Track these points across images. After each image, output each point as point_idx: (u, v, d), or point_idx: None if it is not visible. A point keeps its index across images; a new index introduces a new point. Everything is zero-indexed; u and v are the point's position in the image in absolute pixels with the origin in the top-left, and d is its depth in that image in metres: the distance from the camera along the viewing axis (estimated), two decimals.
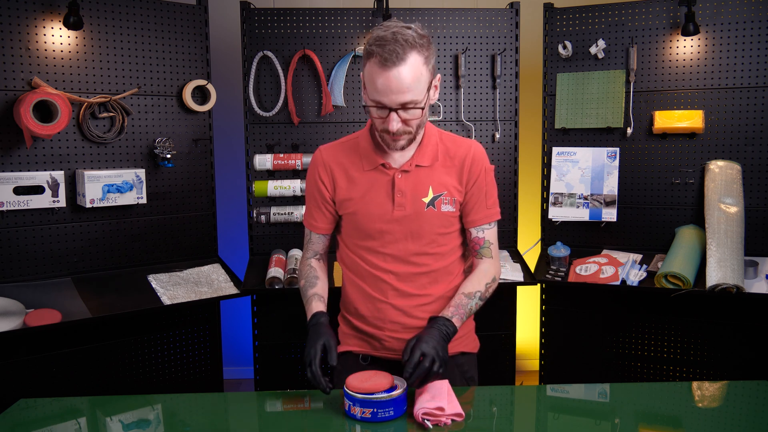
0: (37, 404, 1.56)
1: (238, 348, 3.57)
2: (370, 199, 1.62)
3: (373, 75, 1.47)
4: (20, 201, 2.28)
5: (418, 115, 1.52)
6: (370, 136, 1.66)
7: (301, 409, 1.53)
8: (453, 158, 1.66)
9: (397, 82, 1.45)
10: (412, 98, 1.47)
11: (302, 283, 1.72)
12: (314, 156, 1.72)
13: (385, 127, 1.52)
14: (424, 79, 1.49)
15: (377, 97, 1.48)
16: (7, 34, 2.26)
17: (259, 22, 2.71)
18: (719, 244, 2.41)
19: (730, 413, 1.51)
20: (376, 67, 1.46)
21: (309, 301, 1.66)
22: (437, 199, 1.62)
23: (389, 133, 1.53)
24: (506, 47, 2.79)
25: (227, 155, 3.40)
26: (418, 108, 1.50)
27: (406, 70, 1.44)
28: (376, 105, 1.50)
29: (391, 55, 1.43)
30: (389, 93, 1.46)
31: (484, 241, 1.68)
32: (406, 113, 1.50)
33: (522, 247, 2.92)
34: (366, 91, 1.53)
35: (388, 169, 1.63)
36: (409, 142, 1.58)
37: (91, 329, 2.40)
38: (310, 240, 1.76)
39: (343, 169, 1.66)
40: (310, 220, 1.74)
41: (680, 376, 2.65)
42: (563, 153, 2.80)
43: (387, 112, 1.49)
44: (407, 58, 1.44)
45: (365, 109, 1.55)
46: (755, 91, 2.56)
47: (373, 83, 1.47)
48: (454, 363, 1.67)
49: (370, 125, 1.67)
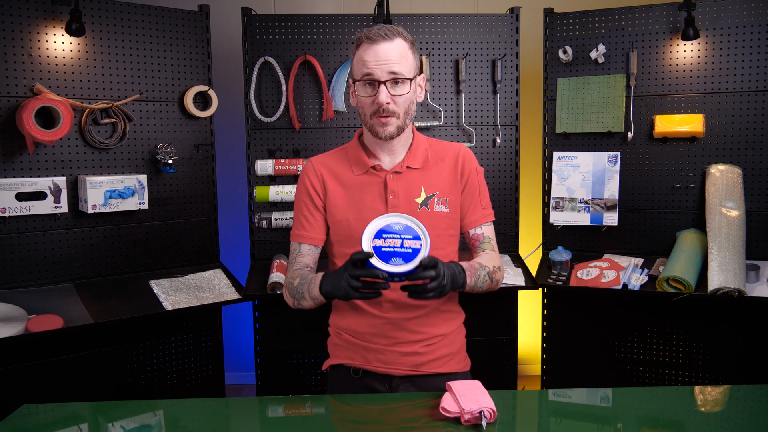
0: (39, 410, 1.56)
1: (240, 353, 3.56)
2: (363, 203, 1.62)
3: (362, 55, 1.55)
4: (22, 207, 2.29)
5: (406, 92, 1.56)
6: (358, 143, 1.68)
7: (303, 415, 1.52)
8: (443, 159, 1.67)
9: (384, 53, 1.53)
10: (400, 70, 1.54)
11: (297, 281, 1.63)
12: (304, 166, 1.71)
13: (374, 107, 1.55)
14: (410, 60, 1.57)
15: (365, 70, 1.54)
16: (10, 41, 2.27)
17: (260, 28, 2.72)
18: (720, 247, 2.41)
19: (732, 418, 1.50)
20: (364, 46, 1.55)
21: (314, 277, 1.58)
22: (430, 199, 1.63)
23: (379, 114, 1.54)
24: (507, 52, 2.80)
25: (229, 161, 3.41)
26: (405, 81, 1.55)
27: (393, 45, 1.54)
28: (365, 80, 1.55)
29: (379, 34, 1.54)
30: (378, 63, 1.53)
31: (484, 236, 1.70)
32: (395, 88, 1.54)
33: (523, 252, 2.92)
34: (353, 78, 1.58)
35: (380, 171, 1.63)
36: (398, 130, 1.58)
37: (93, 335, 2.40)
38: (299, 253, 1.68)
39: (334, 175, 1.66)
40: (299, 231, 1.68)
41: (682, 380, 2.65)
42: (564, 157, 2.80)
43: (376, 87, 1.54)
44: (394, 39, 1.54)
45: (355, 95, 1.59)
46: (755, 95, 2.56)
47: (362, 61, 1.55)
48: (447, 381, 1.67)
49: (358, 135, 1.70)
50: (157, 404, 1.64)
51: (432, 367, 1.65)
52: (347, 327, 1.68)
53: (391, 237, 1.40)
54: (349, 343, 1.67)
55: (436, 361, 1.66)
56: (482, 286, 1.61)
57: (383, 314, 1.62)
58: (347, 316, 1.68)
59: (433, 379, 1.65)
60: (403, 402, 1.56)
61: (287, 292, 1.67)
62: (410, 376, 1.65)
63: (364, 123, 1.62)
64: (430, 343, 1.64)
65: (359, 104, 1.59)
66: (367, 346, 1.64)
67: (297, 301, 1.64)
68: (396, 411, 1.52)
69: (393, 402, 1.57)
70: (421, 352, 1.63)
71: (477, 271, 1.59)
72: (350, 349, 1.67)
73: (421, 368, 1.64)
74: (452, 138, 2.81)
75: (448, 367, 1.67)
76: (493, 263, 1.65)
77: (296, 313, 2.62)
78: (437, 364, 1.66)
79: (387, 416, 1.51)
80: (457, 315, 1.73)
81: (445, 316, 1.68)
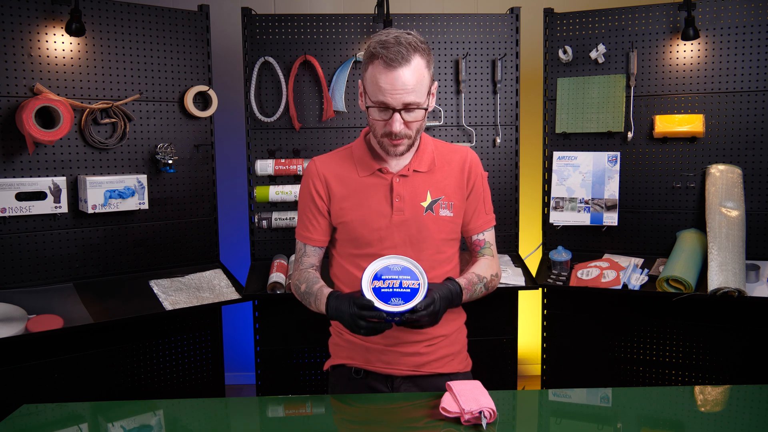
0: (39, 410, 1.56)
1: (240, 353, 3.57)
2: (368, 205, 1.61)
3: (376, 76, 1.48)
4: (22, 207, 2.29)
5: (420, 117, 1.53)
6: (364, 143, 1.66)
7: (303, 415, 1.52)
8: (450, 162, 1.66)
9: (401, 82, 1.46)
10: (415, 99, 1.49)
11: (303, 287, 1.66)
12: (308, 167, 1.69)
13: (387, 130, 1.52)
14: (425, 81, 1.51)
15: (380, 98, 1.49)
16: (10, 41, 2.27)
17: (260, 28, 2.72)
18: (720, 247, 2.41)
19: (732, 417, 1.50)
20: (380, 68, 1.47)
21: (319, 290, 1.60)
22: (435, 203, 1.62)
23: (390, 137, 1.52)
24: (507, 52, 2.80)
25: (229, 161, 3.41)
26: (420, 109, 1.51)
27: (410, 70, 1.47)
28: (379, 106, 1.50)
29: (396, 56, 1.45)
30: (393, 93, 1.47)
31: (485, 242, 1.71)
32: (409, 115, 1.51)
33: (523, 252, 2.92)
34: (366, 94, 1.53)
35: (386, 173, 1.62)
36: (408, 148, 1.57)
37: (93, 335, 2.40)
38: (304, 253, 1.70)
39: (338, 178, 1.64)
40: (304, 232, 1.69)
41: (682, 380, 2.65)
42: (564, 157, 2.80)
43: (390, 113, 1.50)
44: (411, 60, 1.47)
45: (367, 111, 1.55)
46: (755, 95, 2.56)
47: (377, 84, 1.48)
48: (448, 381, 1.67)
49: (364, 134, 1.68)
50: (157, 404, 1.64)
51: (433, 367, 1.65)
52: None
53: (389, 278, 1.47)
54: (351, 343, 1.67)
55: (438, 362, 1.66)
56: (478, 296, 1.64)
57: None
58: None
59: (434, 380, 1.65)
60: (403, 402, 1.56)
61: (294, 291, 1.71)
62: (412, 377, 1.65)
63: (374, 136, 1.59)
64: (432, 344, 1.64)
65: (370, 122, 1.57)
66: (369, 346, 1.63)
67: (304, 303, 1.68)
68: (396, 411, 1.52)
69: (393, 402, 1.57)
70: (422, 352, 1.63)
71: (474, 285, 1.61)
72: (351, 349, 1.67)
73: (423, 368, 1.64)
74: (452, 138, 2.81)
75: (449, 367, 1.67)
76: (491, 272, 1.67)
77: (296, 313, 2.63)
78: (439, 364, 1.66)
79: (387, 416, 1.51)
80: (458, 315, 1.73)
81: (446, 316, 1.67)
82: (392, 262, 1.49)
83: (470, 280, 1.61)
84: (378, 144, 1.59)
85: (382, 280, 1.46)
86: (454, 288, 1.55)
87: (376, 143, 1.60)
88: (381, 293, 1.45)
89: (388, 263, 1.49)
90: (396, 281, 1.46)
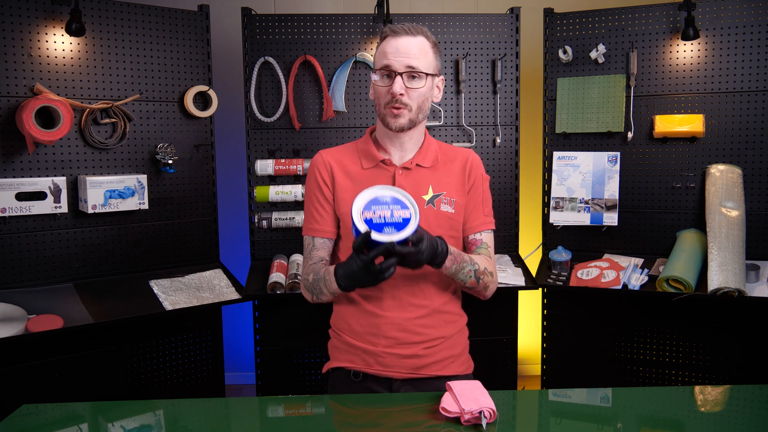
0: (39, 410, 1.56)
1: (240, 353, 3.57)
2: None
3: (383, 47, 1.60)
4: (22, 207, 2.29)
5: (422, 88, 1.59)
6: (370, 138, 1.69)
7: (303, 415, 1.52)
8: (453, 161, 1.68)
9: (404, 46, 1.57)
10: (417, 65, 1.57)
11: (311, 277, 1.64)
12: (313, 159, 1.72)
13: (388, 98, 1.58)
14: (430, 58, 1.60)
15: (384, 62, 1.59)
16: (10, 41, 2.27)
17: (260, 28, 2.72)
18: (720, 247, 2.41)
19: (732, 418, 1.50)
20: (388, 39, 1.60)
21: (326, 271, 1.59)
22: (437, 198, 1.63)
23: (392, 104, 1.57)
24: (507, 52, 2.80)
25: (229, 161, 3.41)
26: (422, 76, 1.58)
27: (414, 41, 1.58)
28: (383, 71, 1.58)
29: (403, 29, 1.59)
30: (397, 55, 1.57)
31: (482, 242, 1.70)
32: (410, 82, 1.57)
33: (523, 252, 2.92)
34: (374, 72, 1.62)
35: (389, 165, 1.64)
36: (409, 122, 1.60)
37: (93, 335, 2.40)
38: (313, 247, 1.69)
39: (343, 168, 1.67)
40: (311, 225, 1.69)
41: (682, 380, 2.65)
42: (564, 157, 2.80)
43: (393, 78, 1.57)
44: (417, 36, 1.59)
45: (374, 89, 1.62)
46: (755, 95, 2.56)
47: (383, 53, 1.59)
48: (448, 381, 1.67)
49: (370, 131, 1.71)
50: (157, 404, 1.64)
51: (433, 369, 1.64)
52: (347, 327, 1.67)
53: (380, 208, 1.44)
54: (349, 346, 1.66)
55: (437, 364, 1.65)
56: (465, 279, 1.61)
57: (384, 313, 1.62)
58: (347, 316, 1.67)
59: (434, 383, 1.64)
60: (403, 402, 1.56)
61: (305, 288, 1.69)
62: (411, 380, 1.64)
63: (378, 114, 1.64)
64: (431, 346, 1.64)
65: (375, 94, 1.62)
66: (367, 348, 1.63)
67: (316, 296, 1.65)
68: (396, 411, 1.52)
69: (393, 402, 1.57)
70: (421, 354, 1.63)
71: (464, 262, 1.59)
72: (350, 352, 1.66)
73: (422, 371, 1.63)
74: (452, 138, 2.81)
75: (449, 370, 1.66)
76: (484, 264, 1.65)
77: (296, 313, 2.63)
78: (438, 366, 1.65)
79: (387, 416, 1.50)
80: (459, 317, 1.72)
81: (446, 317, 1.67)
82: (381, 193, 1.46)
83: (460, 254, 1.59)
84: (381, 120, 1.62)
85: (372, 211, 1.43)
86: (442, 245, 1.53)
87: (380, 124, 1.64)
88: (373, 224, 1.42)
89: (377, 194, 1.45)
90: (387, 211, 1.44)
